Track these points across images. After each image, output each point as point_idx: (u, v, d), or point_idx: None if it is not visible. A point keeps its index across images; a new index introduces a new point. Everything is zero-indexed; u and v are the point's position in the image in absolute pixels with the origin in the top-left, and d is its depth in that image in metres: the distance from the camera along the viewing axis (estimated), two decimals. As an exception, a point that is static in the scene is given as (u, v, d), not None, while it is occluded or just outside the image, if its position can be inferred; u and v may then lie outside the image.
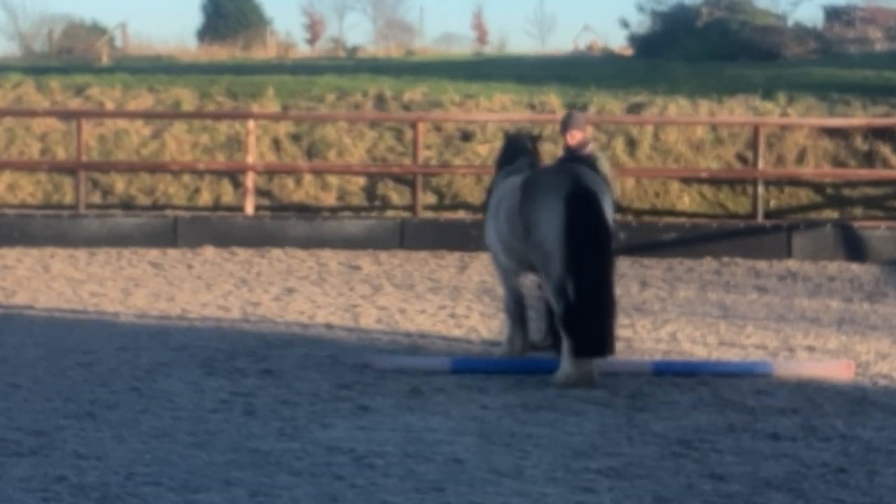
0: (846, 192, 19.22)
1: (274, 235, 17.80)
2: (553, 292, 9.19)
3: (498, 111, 20.63)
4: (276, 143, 20.49)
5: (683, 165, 19.59)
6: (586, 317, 9.05)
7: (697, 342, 11.07)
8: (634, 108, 20.79)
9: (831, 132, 19.76)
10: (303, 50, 44.83)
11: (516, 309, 10.12)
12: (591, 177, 9.46)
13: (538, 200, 9.23)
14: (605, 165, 10.56)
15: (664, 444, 7.57)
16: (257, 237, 17.74)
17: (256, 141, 19.59)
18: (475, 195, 18.91)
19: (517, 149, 10.44)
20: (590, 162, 10.35)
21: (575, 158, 10.43)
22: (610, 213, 9.34)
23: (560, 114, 16.22)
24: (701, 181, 19.34)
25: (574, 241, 9.05)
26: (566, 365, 9.16)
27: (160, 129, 20.87)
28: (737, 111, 20.53)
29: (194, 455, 7.21)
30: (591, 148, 10.80)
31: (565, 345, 9.17)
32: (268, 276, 15.26)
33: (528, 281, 10.60)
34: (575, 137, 10.65)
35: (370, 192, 19.75)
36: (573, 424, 8.05)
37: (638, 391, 9.02)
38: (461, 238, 17.34)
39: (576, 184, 9.21)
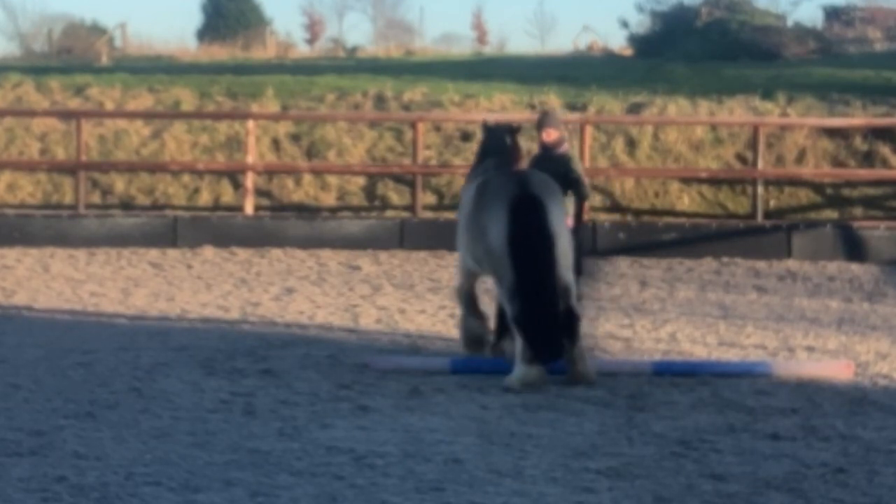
0: (846, 192, 19.23)
1: (274, 235, 17.80)
2: (506, 296, 9.22)
3: (498, 111, 20.61)
4: (276, 143, 20.49)
5: (683, 165, 19.60)
6: (531, 322, 9.02)
7: (697, 342, 11.07)
8: (634, 108, 20.80)
9: (831, 132, 19.77)
10: (302, 50, 44.75)
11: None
12: (540, 182, 9.42)
13: (487, 207, 9.29)
14: (577, 165, 11.13)
15: (664, 444, 7.57)
16: (257, 237, 17.74)
17: (256, 141, 19.59)
18: (475, 195, 18.89)
19: (493, 145, 10.17)
20: (563, 160, 10.92)
21: (549, 156, 10.82)
22: (558, 218, 9.26)
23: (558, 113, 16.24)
24: (700, 181, 19.34)
25: (516, 247, 9.10)
26: (520, 366, 9.11)
27: (160, 129, 20.87)
28: (736, 111, 20.53)
29: (194, 455, 7.21)
30: (566, 147, 11.21)
31: (518, 347, 9.16)
32: (267, 276, 15.26)
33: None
34: (550, 136, 11.13)
35: (370, 192, 19.75)
36: (573, 424, 8.05)
37: (638, 391, 9.02)
38: (461, 238, 17.31)
39: (521, 190, 9.23)
